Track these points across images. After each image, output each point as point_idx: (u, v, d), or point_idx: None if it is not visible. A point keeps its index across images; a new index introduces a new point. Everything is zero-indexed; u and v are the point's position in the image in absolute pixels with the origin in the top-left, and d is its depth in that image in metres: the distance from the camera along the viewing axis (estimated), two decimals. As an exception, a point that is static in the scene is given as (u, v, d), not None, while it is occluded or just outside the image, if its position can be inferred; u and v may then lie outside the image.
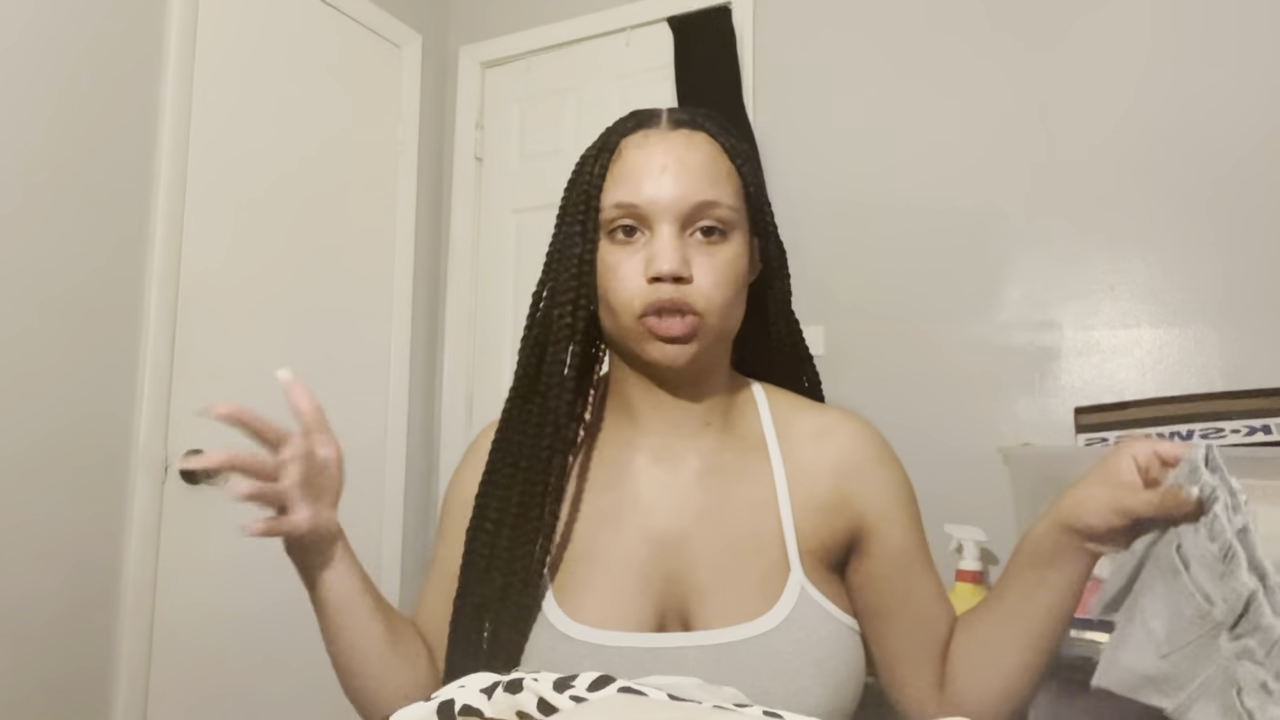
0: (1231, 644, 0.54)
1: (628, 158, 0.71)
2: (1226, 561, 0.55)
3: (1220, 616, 0.55)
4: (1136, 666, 0.59)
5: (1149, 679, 0.58)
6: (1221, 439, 1.32)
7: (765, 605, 0.67)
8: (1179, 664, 0.57)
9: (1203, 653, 0.56)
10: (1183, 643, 0.57)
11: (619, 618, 0.68)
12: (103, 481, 1.66)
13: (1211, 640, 0.55)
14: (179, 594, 1.77)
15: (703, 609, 0.68)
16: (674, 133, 0.72)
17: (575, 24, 2.41)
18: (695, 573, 0.69)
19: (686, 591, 0.69)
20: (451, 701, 0.33)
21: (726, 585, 0.68)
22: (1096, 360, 1.73)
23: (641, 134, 0.72)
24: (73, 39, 1.65)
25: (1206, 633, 0.56)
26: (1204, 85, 1.69)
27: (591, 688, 0.33)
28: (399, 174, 2.44)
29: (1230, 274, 1.64)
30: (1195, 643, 0.56)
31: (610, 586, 0.69)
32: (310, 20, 2.18)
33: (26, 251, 1.56)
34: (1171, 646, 0.57)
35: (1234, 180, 1.65)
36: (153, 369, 1.74)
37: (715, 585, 0.68)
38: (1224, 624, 0.55)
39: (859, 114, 2.01)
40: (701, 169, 0.70)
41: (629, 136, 0.73)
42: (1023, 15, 1.87)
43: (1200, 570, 0.57)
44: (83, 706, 1.60)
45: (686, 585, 0.69)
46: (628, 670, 0.66)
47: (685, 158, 0.70)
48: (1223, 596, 0.55)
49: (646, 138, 0.72)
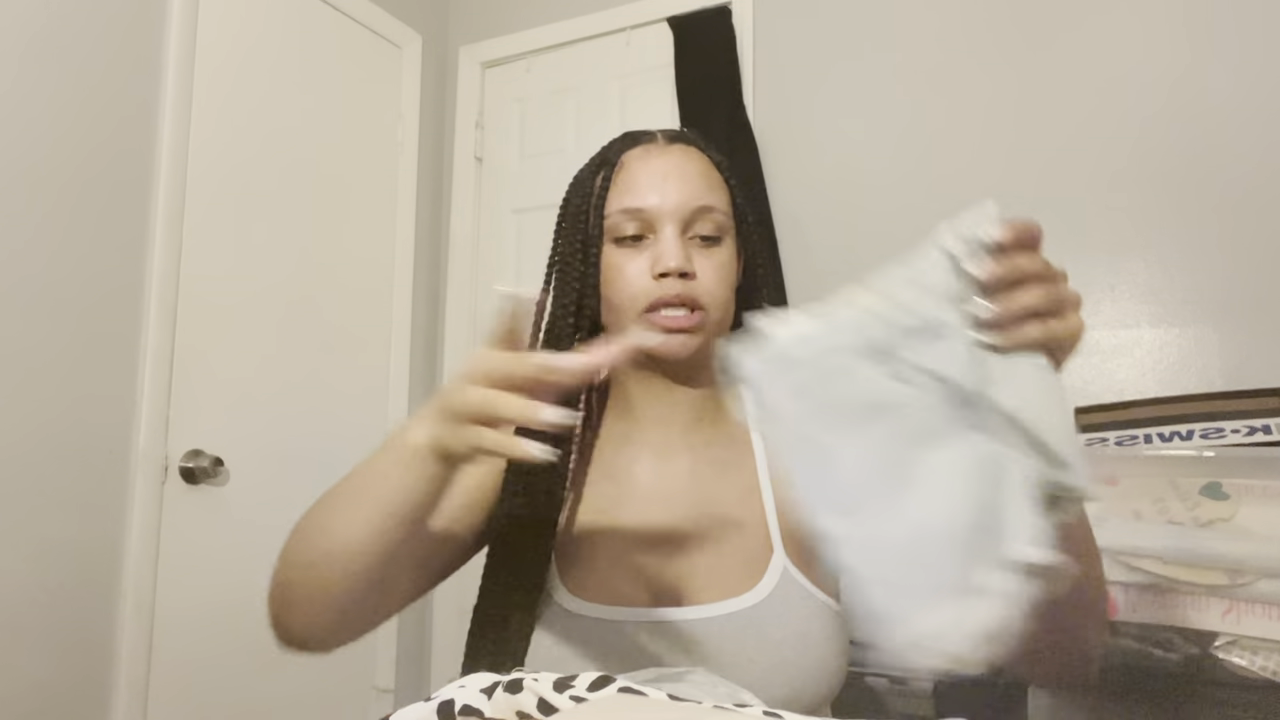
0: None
1: (631, 169, 0.78)
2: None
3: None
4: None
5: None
6: (1221, 439, 1.32)
7: (750, 583, 0.73)
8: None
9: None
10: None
11: (619, 595, 0.73)
12: (103, 481, 1.66)
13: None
14: (179, 594, 1.76)
15: (694, 587, 0.74)
16: (671, 147, 0.80)
17: (575, 24, 2.41)
18: (688, 554, 0.75)
19: (680, 571, 0.75)
20: (451, 701, 0.33)
21: (715, 566, 0.75)
22: (1096, 360, 1.73)
23: (641, 149, 0.80)
24: (73, 39, 1.65)
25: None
26: (1204, 85, 1.69)
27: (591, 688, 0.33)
28: (399, 174, 2.44)
29: (1230, 274, 1.64)
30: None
31: (611, 568, 0.75)
32: (310, 20, 2.18)
33: (27, 251, 1.56)
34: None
35: (1234, 180, 1.65)
36: (153, 369, 1.74)
37: (705, 566, 0.75)
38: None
39: (859, 114, 2.01)
40: (700, 177, 0.78)
41: (629, 151, 0.80)
42: (1023, 15, 1.87)
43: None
44: (83, 706, 1.60)
45: (680, 565, 0.75)
46: (626, 641, 0.71)
47: (684, 167, 0.77)
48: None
49: (647, 151, 0.79)
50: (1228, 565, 1.11)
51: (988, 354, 0.51)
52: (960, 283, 0.51)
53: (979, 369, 0.50)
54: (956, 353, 0.50)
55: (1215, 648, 1.13)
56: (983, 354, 0.50)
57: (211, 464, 1.80)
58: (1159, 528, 1.18)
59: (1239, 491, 1.17)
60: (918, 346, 0.49)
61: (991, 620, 0.43)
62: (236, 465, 1.86)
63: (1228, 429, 1.33)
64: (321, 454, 2.05)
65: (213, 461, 1.80)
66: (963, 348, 0.50)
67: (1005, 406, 0.49)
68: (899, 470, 0.47)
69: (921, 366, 0.49)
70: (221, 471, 1.82)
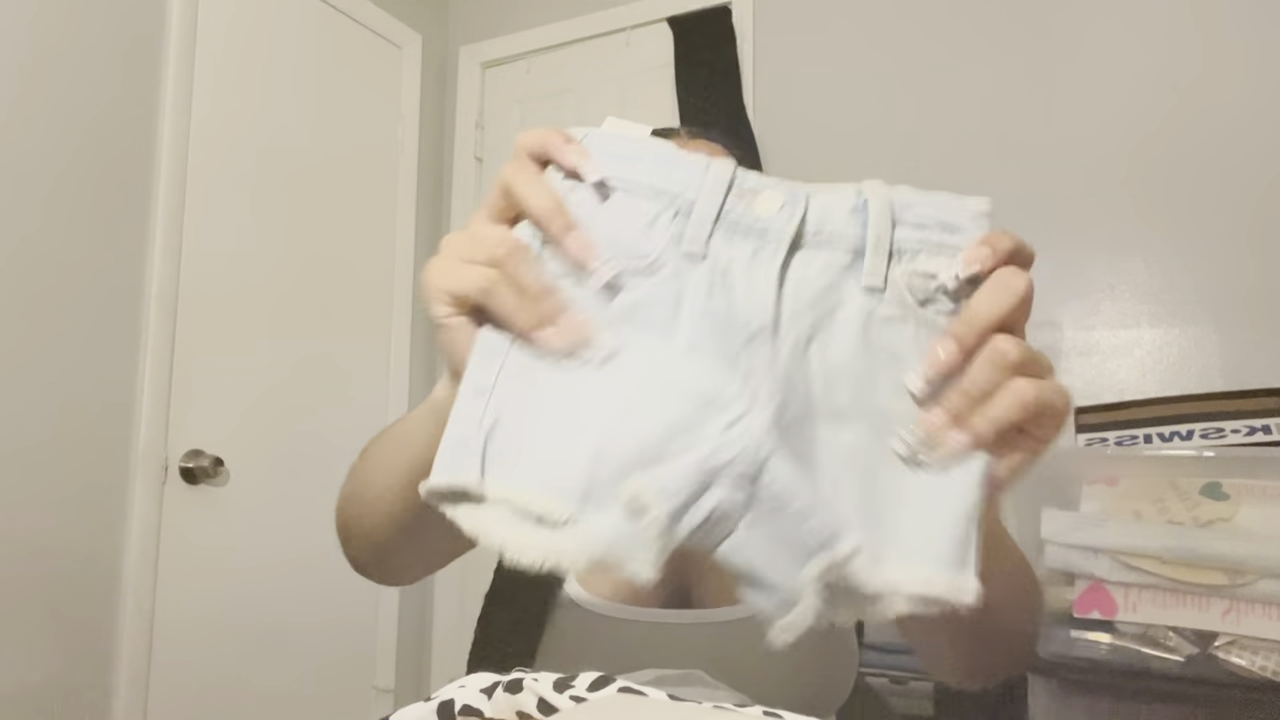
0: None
1: None
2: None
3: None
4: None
5: None
6: (1221, 439, 1.32)
7: None
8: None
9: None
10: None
11: (629, 594, 0.73)
12: (103, 481, 1.66)
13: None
14: (179, 594, 1.76)
15: (703, 589, 0.73)
16: (693, 141, 0.78)
17: (575, 24, 2.41)
18: (697, 557, 0.73)
19: (689, 573, 0.74)
20: (451, 701, 0.33)
21: (724, 569, 0.73)
22: (1096, 360, 1.73)
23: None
24: (73, 39, 1.65)
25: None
26: (1205, 85, 1.69)
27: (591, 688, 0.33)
28: (399, 174, 2.44)
29: (1230, 274, 1.64)
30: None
31: None
32: (310, 20, 2.18)
33: (27, 251, 1.56)
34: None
35: (1234, 180, 1.65)
36: (153, 369, 1.74)
37: (715, 569, 0.73)
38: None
39: (859, 114, 2.01)
40: None
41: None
42: (1023, 15, 1.87)
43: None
44: (83, 706, 1.60)
45: (689, 568, 0.74)
46: (635, 639, 0.71)
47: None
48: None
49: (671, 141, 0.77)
50: (1228, 565, 1.11)
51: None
52: (876, 264, 0.40)
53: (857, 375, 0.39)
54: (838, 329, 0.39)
55: (1215, 648, 1.13)
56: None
57: (211, 464, 1.80)
58: (1159, 528, 1.18)
59: (1239, 491, 1.17)
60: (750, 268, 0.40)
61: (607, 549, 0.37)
62: (236, 465, 1.86)
63: (1228, 429, 1.33)
64: (321, 454, 2.05)
65: (213, 461, 1.80)
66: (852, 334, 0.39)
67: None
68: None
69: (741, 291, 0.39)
70: (221, 471, 1.82)
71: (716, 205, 0.40)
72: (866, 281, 0.40)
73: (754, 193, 0.41)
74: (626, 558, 0.36)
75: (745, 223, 0.40)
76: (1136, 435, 1.39)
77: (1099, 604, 1.19)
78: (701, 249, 0.40)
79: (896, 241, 0.40)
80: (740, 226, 0.40)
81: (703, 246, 0.40)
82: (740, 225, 0.40)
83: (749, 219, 0.40)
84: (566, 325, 0.40)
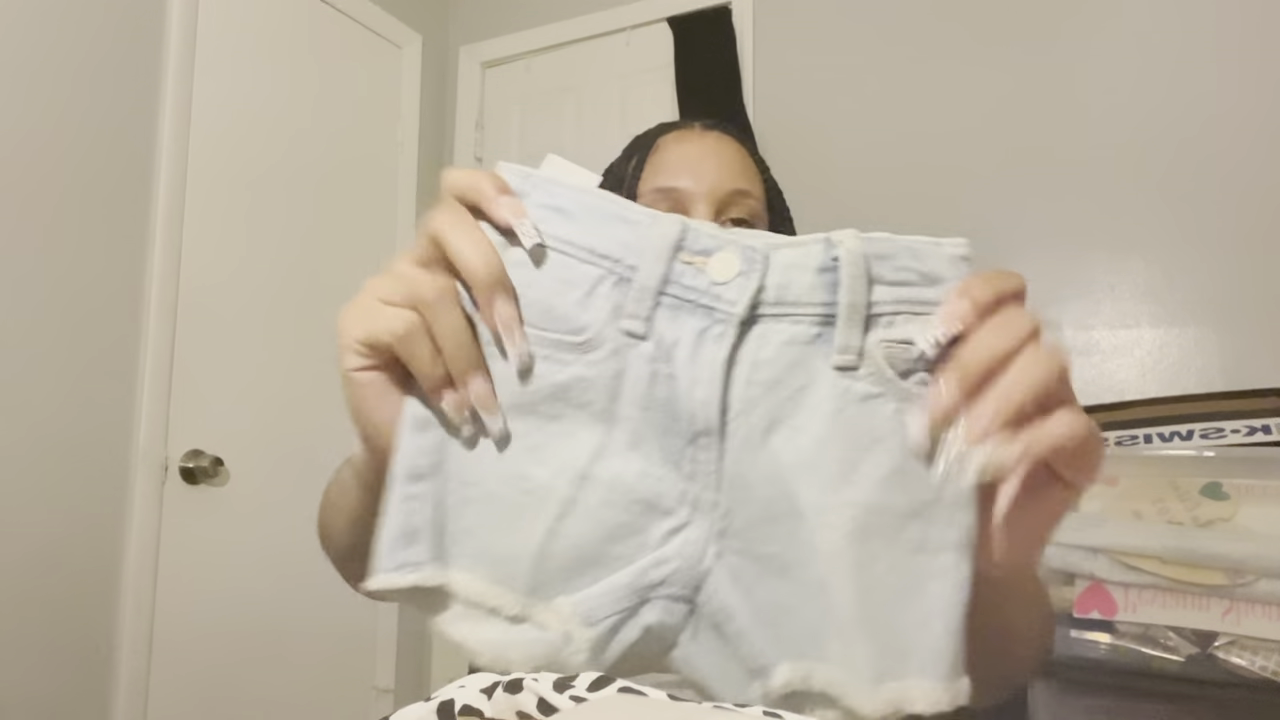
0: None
1: (666, 150, 0.76)
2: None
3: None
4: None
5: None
6: (1221, 439, 1.32)
7: None
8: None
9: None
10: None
11: None
12: (103, 481, 1.66)
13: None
14: (179, 594, 1.76)
15: None
16: (708, 133, 0.78)
17: (575, 24, 2.41)
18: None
19: None
20: (451, 701, 0.33)
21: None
22: (1096, 360, 1.73)
23: (677, 134, 0.78)
24: (73, 39, 1.65)
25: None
26: (1205, 85, 1.69)
27: (591, 688, 0.33)
28: (399, 174, 2.44)
29: (1230, 274, 1.64)
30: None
31: None
32: (310, 20, 2.18)
33: (27, 252, 1.56)
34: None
35: (1234, 180, 1.65)
36: (153, 369, 1.74)
37: None
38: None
39: (859, 114, 2.01)
40: (736, 162, 0.75)
41: (665, 136, 0.78)
42: (1023, 16, 1.87)
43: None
44: (83, 706, 1.60)
45: None
46: (642, 648, 0.69)
47: (721, 152, 0.75)
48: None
49: (683, 135, 0.77)
50: (1228, 565, 1.11)
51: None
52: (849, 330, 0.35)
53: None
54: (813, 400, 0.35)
55: (1215, 648, 1.13)
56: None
57: (211, 464, 1.80)
58: (1159, 528, 1.18)
59: (1239, 491, 1.17)
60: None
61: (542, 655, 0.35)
62: (236, 465, 1.86)
63: (1228, 429, 1.32)
64: (321, 454, 2.05)
65: (213, 461, 1.80)
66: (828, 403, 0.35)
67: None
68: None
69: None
70: (221, 471, 1.82)
71: (660, 274, 0.35)
72: (838, 360, 0.35)
73: (705, 255, 0.35)
74: (567, 666, 0.35)
75: (694, 294, 0.35)
76: (1136, 435, 1.39)
77: (1099, 604, 1.19)
78: (642, 327, 0.35)
79: (872, 305, 0.35)
80: (688, 299, 0.35)
81: (645, 324, 0.35)
82: (688, 297, 0.35)
83: (698, 289, 0.35)
84: (479, 390, 0.36)
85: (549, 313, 0.36)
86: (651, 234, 0.36)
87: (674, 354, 0.35)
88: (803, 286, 0.35)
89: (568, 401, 0.36)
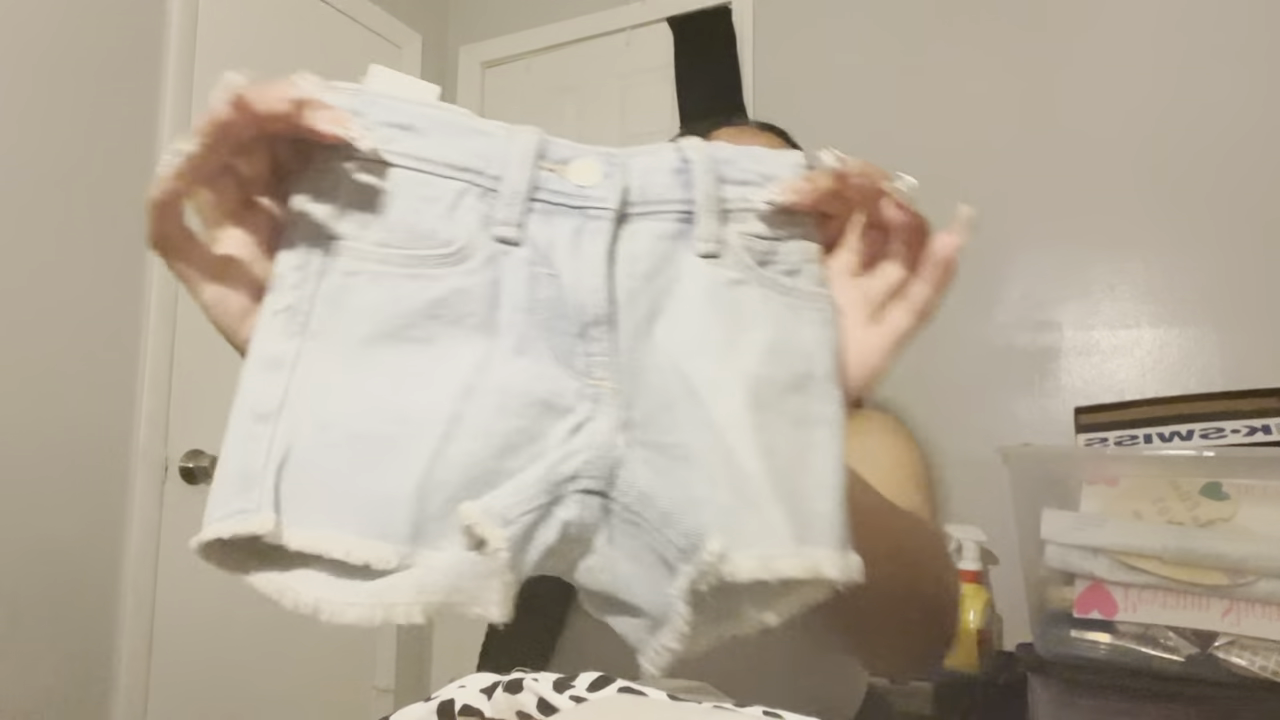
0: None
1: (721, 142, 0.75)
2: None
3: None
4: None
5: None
6: (1221, 439, 1.32)
7: None
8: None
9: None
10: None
11: None
12: (103, 481, 1.66)
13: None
14: (179, 594, 1.76)
15: None
16: (762, 133, 0.77)
17: (575, 24, 2.41)
18: None
19: None
20: (452, 701, 0.33)
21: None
22: (1096, 360, 1.73)
23: (735, 129, 0.76)
24: (73, 39, 1.65)
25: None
26: (1206, 85, 1.69)
27: (591, 688, 0.33)
28: (399, 174, 2.44)
29: (1230, 274, 1.64)
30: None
31: None
32: (310, 20, 2.18)
33: (28, 252, 1.56)
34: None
35: (1234, 180, 1.65)
36: (153, 369, 1.74)
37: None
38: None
39: (859, 114, 2.01)
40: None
41: (723, 129, 0.76)
42: (1024, 16, 1.87)
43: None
44: (83, 706, 1.60)
45: None
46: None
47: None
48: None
49: (740, 130, 0.76)
50: (1228, 565, 1.11)
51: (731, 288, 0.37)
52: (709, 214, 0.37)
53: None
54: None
55: (1215, 648, 1.13)
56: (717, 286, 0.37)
57: (211, 464, 1.80)
58: (1159, 528, 1.18)
59: (1239, 491, 1.17)
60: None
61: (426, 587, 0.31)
62: (236, 465, 1.86)
63: (1228, 429, 1.32)
64: (321, 454, 2.05)
65: (213, 461, 1.80)
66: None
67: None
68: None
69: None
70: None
71: (527, 180, 0.35)
72: (702, 248, 0.36)
73: (566, 162, 0.36)
74: (471, 599, 0.31)
75: (563, 198, 0.36)
76: (1136, 435, 1.39)
77: (1099, 604, 1.19)
78: (515, 233, 0.35)
79: (724, 201, 0.37)
80: (558, 203, 0.36)
81: (516, 230, 0.35)
82: (557, 200, 0.36)
83: (566, 193, 0.36)
84: (325, 116, 0.32)
85: (412, 231, 0.34)
86: (511, 144, 0.36)
87: (552, 255, 0.35)
88: (661, 186, 0.37)
89: (442, 319, 0.34)
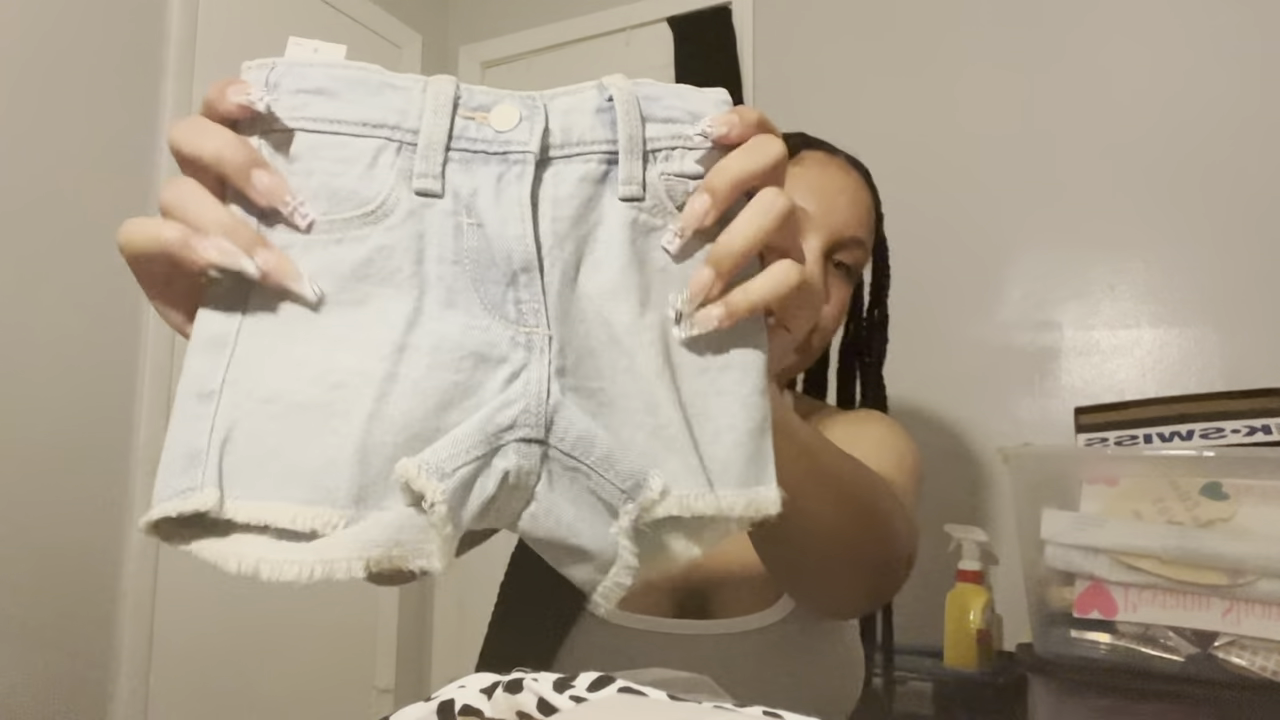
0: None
1: (807, 166, 0.76)
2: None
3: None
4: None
5: None
6: (1221, 439, 1.32)
7: (773, 598, 0.71)
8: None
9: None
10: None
11: (643, 603, 0.72)
12: (103, 481, 1.66)
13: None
14: (179, 594, 1.76)
15: (718, 599, 0.72)
16: (854, 170, 0.78)
17: (575, 24, 2.41)
18: (713, 567, 0.74)
19: (705, 583, 0.74)
20: (452, 701, 0.33)
21: (740, 579, 0.73)
22: (1096, 360, 1.73)
23: (826, 154, 0.78)
24: (73, 37, 1.65)
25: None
26: (1206, 85, 1.69)
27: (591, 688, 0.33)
28: (399, 174, 2.44)
29: (1230, 274, 1.64)
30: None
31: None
32: (310, 20, 2.18)
33: (28, 251, 1.56)
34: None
35: (1234, 181, 1.65)
36: (153, 369, 1.74)
37: (730, 579, 0.73)
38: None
39: (859, 114, 2.01)
40: (865, 212, 0.77)
41: (811, 151, 0.78)
42: (1024, 16, 1.87)
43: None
44: (83, 706, 1.60)
45: (705, 577, 0.74)
46: (649, 649, 0.70)
47: (858, 197, 0.77)
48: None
49: (831, 158, 0.77)
50: (1228, 565, 1.11)
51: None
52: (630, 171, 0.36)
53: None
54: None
55: (1215, 648, 1.13)
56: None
57: (211, 464, 1.80)
58: (1159, 528, 1.17)
59: (1239, 491, 1.17)
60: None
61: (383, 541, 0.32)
62: (236, 465, 1.86)
63: (1228, 429, 1.32)
64: (321, 454, 2.05)
65: (213, 461, 1.80)
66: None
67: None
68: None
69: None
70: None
71: (445, 130, 0.35)
72: (624, 192, 0.36)
73: (485, 109, 0.36)
74: (411, 553, 0.32)
75: (482, 145, 0.35)
76: (1136, 435, 1.39)
77: (1099, 604, 1.19)
78: (437, 184, 0.35)
79: (649, 140, 0.36)
80: (477, 150, 0.35)
81: (438, 181, 0.35)
82: (477, 148, 0.35)
83: (485, 139, 0.35)
84: (271, 262, 0.33)
85: (334, 195, 0.34)
86: (427, 95, 0.35)
87: (475, 203, 0.35)
88: (584, 127, 0.36)
89: (371, 279, 0.34)
